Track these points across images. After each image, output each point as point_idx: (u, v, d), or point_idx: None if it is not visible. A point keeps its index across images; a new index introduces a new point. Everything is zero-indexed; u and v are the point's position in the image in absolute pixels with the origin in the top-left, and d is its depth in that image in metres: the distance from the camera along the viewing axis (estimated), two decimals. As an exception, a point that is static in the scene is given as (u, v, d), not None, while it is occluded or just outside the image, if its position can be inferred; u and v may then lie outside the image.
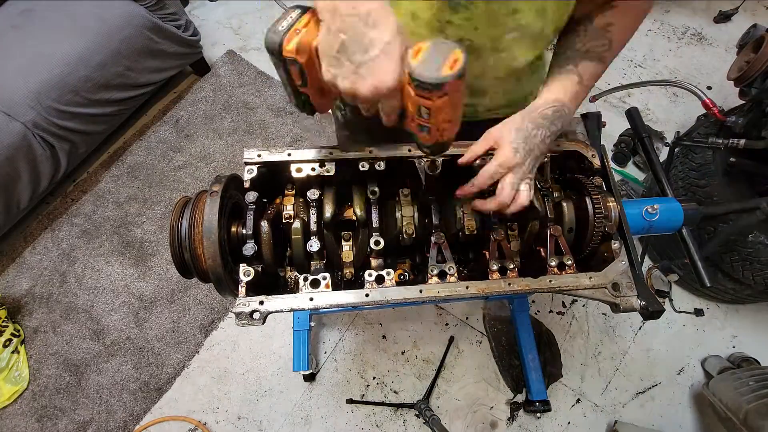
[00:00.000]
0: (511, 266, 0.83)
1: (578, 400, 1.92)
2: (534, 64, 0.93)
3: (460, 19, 0.76)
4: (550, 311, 2.08)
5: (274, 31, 0.60)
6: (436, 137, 0.66)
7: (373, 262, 0.85)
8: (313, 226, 0.83)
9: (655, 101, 2.55)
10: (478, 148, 0.80)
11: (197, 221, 0.79)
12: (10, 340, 1.90)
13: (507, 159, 0.73)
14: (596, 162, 0.93)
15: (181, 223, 0.80)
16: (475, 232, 0.86)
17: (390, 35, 0.56)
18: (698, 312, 2.05)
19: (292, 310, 0.77)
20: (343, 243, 0.88)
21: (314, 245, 0.81)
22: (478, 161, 0.80)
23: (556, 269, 0.83)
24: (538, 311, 2.07)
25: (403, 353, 1.98)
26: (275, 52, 0.60)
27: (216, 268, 0.76)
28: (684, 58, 2.68)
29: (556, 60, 0.84)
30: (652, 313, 0.81)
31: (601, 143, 0.97)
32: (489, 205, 0.77)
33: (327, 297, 0.78)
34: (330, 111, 1.19)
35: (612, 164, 2.36)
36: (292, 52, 0.60)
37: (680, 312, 2.06)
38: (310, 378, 1.90)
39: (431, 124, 0.62)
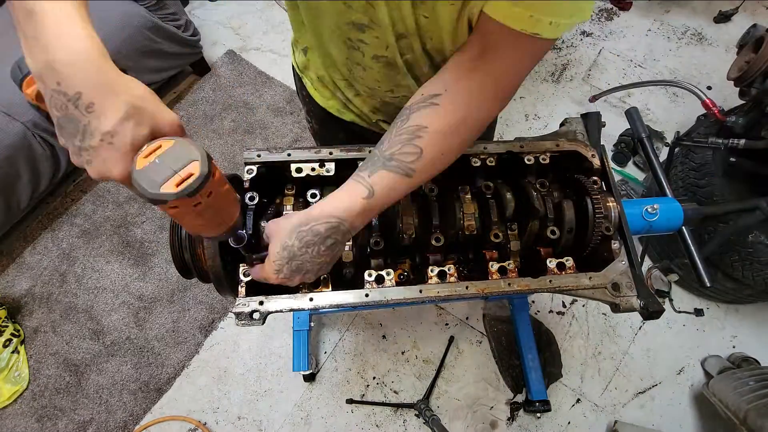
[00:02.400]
0: (512, 266, 0.83)
1: (578, 400, 1.92)
2: None
3: (369, 38, 0.72)
4: (550, 311, 2.08)
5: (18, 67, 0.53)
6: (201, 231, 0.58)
7: (373, 262, 0.85)
8: (313, 226, 0.83)
9: (655, 101, 2.55)
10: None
11: (197, 221, 0.79)
12: (10, 340, 1.91)
13: (268, 274, 0.69)
14: (596, 162, 0.93)
15: (181, 223, 0.80)
16: (475, 232, 0.86)
17: (112, 124, 0.45)
18: (698, 312, 2.05)
19: (291, 310, 0.77)
20: (343, 243, 0.88)
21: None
22: None
23: (555, 269, 0.83)
24: (538, 311, 2.07)
25: (403, 353, 1.98)
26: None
27: (216, 268, 0.76)
28: (684, 58, 2.68)
29: (364, 163, 0.69)
30: (652, 313, 0.81)
31: (601, 143, 0.97)
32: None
33: (327, 297, 0.78)
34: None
35: (612, 164, 2.36)
36: (31, 96, 0.53)
37: (680, 312, 2.06)
38: (310, 378, 1.90)
39: (184, 224, 0.56)
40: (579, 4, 0.59)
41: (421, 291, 0.79)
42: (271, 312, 0.76)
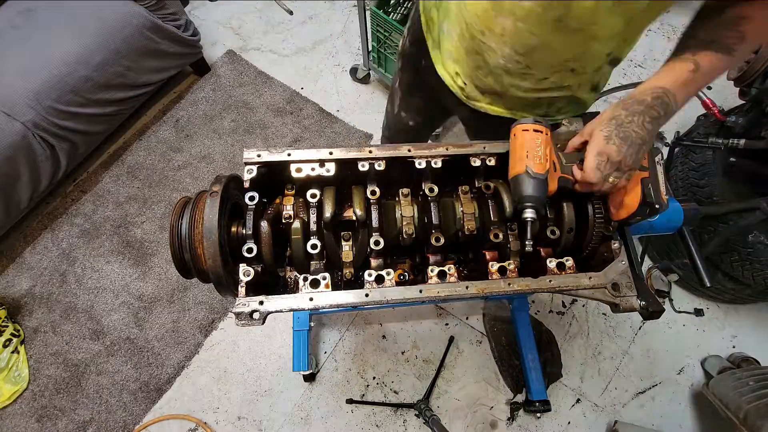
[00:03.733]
0: (512, 266, 0.83)
1: (578, 400, 1.92)
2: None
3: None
4: (550, 311, 2.08)
5: None
6: None
7: (373, 262, 0.85)
8: (313, 226, 0.83)
9: (655, 101, 2.55)
10: (575, 140, 0.82)
11: (197, 221, 0.79)
12: (10, 340, 1.90)
13: (600, 146, 0.74)
14: (596, 162, 0.92)
15: (181, 223, 0.80)
16: (475, 232, 0.86)
17: None
18: (698, 312, 2.05)
19: (291, 310, 0.77)
20: (343, 243, 0.88)
21: (314, 245, 0.81)
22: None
23: (555, 269, 0.83)
24: (538, 311, 2.07)
25: (403, 353, 1.98)
26: None
27: (216, 268, 0.76)
28: (684, 58, 2.68)
29: (676, 48, 0.79)
30: (652, 313, 0.81)
31: (601, 143, 0.97)
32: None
33: (327, 297, 0.78)
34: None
35: (612, 164, 2.35)
36: None
37: (680, 312, 2.06)
38: (310, 378, 1.90)
39: None
40: None
41: (421, 291, 0.79)
42: (271, 312, 0.76)
